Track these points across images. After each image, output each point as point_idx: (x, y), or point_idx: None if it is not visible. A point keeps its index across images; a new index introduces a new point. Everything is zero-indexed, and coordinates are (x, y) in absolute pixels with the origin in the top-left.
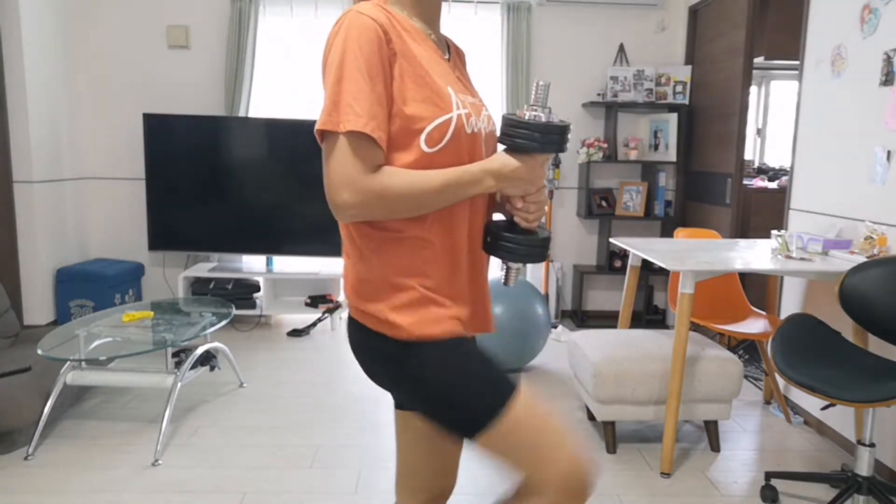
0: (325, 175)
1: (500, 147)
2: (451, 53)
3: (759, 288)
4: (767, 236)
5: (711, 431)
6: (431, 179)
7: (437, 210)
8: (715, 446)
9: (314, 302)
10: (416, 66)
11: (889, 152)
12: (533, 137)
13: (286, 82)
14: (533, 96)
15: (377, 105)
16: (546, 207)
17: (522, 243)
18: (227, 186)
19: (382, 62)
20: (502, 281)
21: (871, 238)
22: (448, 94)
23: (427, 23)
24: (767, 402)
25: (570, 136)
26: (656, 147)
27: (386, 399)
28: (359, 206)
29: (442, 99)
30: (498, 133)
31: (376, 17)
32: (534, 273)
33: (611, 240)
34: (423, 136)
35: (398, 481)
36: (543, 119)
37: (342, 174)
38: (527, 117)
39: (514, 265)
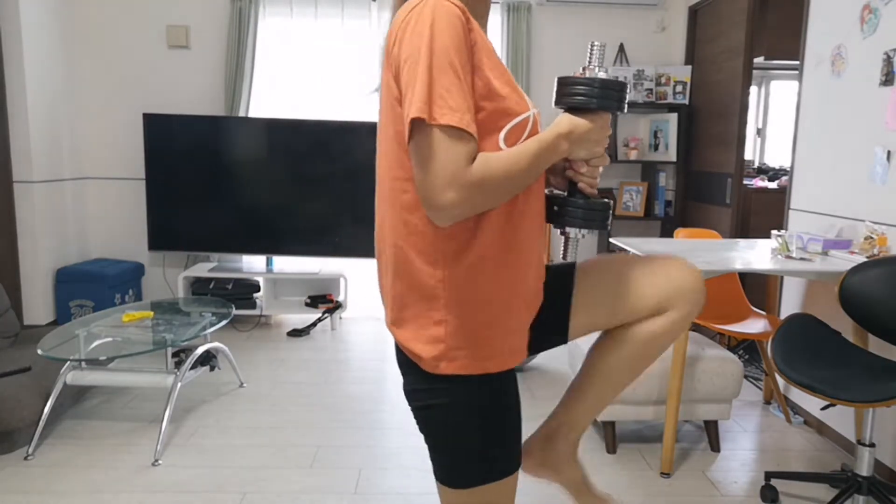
0: (424, 173)
1: (560, 110)
2: None
3: (759, 288)
4: (767, 236)
5: (711, 431)
6: (520, 158)
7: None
8: (715, 446)
9: (314, 302)
10: (495, 61)
11: (889, 152)
12: (592, 94)
13: (286, 82)
14: (588, 57)
15: (468, 97)
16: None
17: (587, 208)
18: (227, 186)
19: (469, 51)
20: (562, 255)
21: (871, 238)
22: (522, 92)
23: (479, 20)
24: (767, 402)
25: (627, 95)
26: (656, 147)
27: (385, 399)
28: (464, 204)
29: (520, 96)
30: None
31: (458, 5)
32: None
33: (611, 240)
34: (502, 134)
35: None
36: (603, 77)
37: (446, 172)
38: (585, 76)
39: (574, 236)
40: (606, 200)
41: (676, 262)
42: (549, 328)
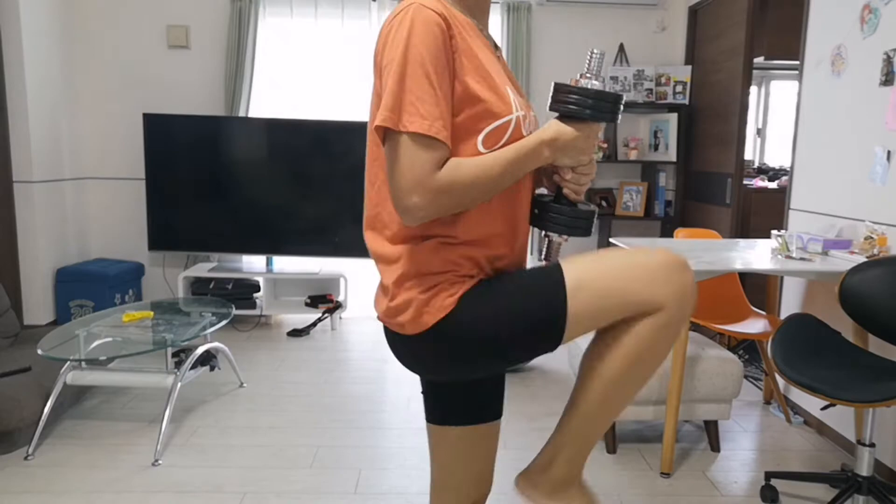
0: (391, 177)
1: (553, 115)
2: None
3: (759, 288)
4: (767, 236)
5: (711, 431)
6: (493, 164)
7: (498, 199)
8: (715, 446)
9: (314, 302)
10: (477, 65)
11: (889, 152)
12: (585, 104)
13: (286, 82)
14: (586, 65)
15: (442, 104)
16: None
17: (570, 215)
18: (227, 186)
19: (447, 59)
20: (542, 256)
21: (871, 238)
22: (507, 95)
23: (477, 18)
24: (767, 402)
25: (622, 107)
26: (656, 147)
27: (385, 399)
28: (429, 207)
29: (502, 100)
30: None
31: (439, 11)
32: None
33: (611, 240)
34: (481, 137)
35: (434, 492)
36: (598, 87)
37: (410, 176)
38: (581, 84)
39: (557, 239)
40: (591, 208)
41: (666, 256)
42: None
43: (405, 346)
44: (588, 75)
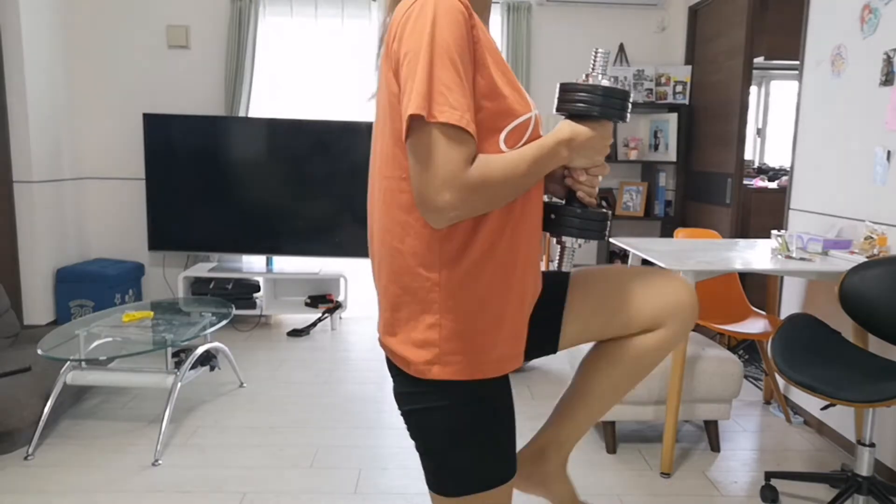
0: (420, 173)
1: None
2: None
3: (759, 288)
4: (767, 236)
5: (711, 431)
6: (520, 161)
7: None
8: (715, 446)
9: (314, 302)
10: (497, 58)
11: (889, 152)
12: (595, 101)
13: (286, 82)
14: (592, 64)
15: (469, 96)
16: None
17: (586, 217)
18: (227, 186)
19: (470, 50)
20: (557, 264)
21: (871, 238)
22: (525, 93)
23: (480, 17)
24: (767, 402)
25: (630, 105)
26: (656, 147)
27: (385, 399)
28: (461, 206)
29: (522, 97)
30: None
31: (462, 0)
32: None
33: (611, 239)
34: (503, 136)
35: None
36: (605, 84)
37: (443, 172)
38: (588, 83)
39: (570, 245)
40: (605, 210)
41: (672, 278)
42: (539, 336)
43: (400, 374)
44: (594, 74)
